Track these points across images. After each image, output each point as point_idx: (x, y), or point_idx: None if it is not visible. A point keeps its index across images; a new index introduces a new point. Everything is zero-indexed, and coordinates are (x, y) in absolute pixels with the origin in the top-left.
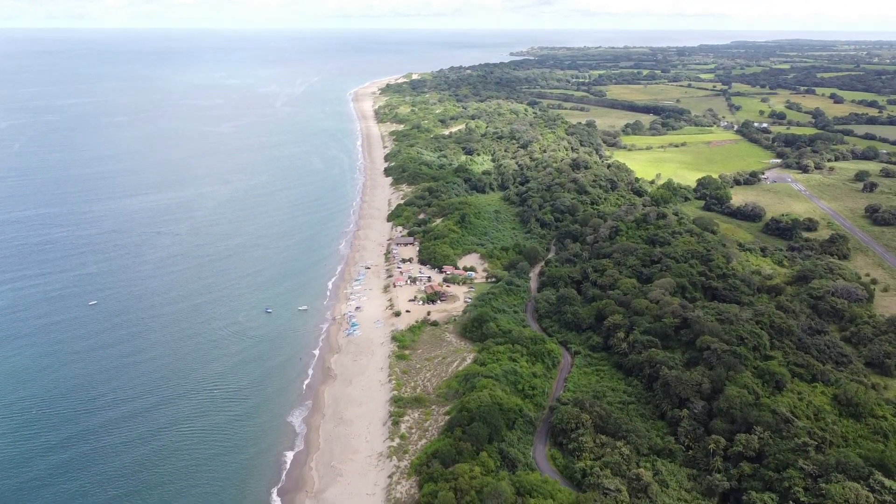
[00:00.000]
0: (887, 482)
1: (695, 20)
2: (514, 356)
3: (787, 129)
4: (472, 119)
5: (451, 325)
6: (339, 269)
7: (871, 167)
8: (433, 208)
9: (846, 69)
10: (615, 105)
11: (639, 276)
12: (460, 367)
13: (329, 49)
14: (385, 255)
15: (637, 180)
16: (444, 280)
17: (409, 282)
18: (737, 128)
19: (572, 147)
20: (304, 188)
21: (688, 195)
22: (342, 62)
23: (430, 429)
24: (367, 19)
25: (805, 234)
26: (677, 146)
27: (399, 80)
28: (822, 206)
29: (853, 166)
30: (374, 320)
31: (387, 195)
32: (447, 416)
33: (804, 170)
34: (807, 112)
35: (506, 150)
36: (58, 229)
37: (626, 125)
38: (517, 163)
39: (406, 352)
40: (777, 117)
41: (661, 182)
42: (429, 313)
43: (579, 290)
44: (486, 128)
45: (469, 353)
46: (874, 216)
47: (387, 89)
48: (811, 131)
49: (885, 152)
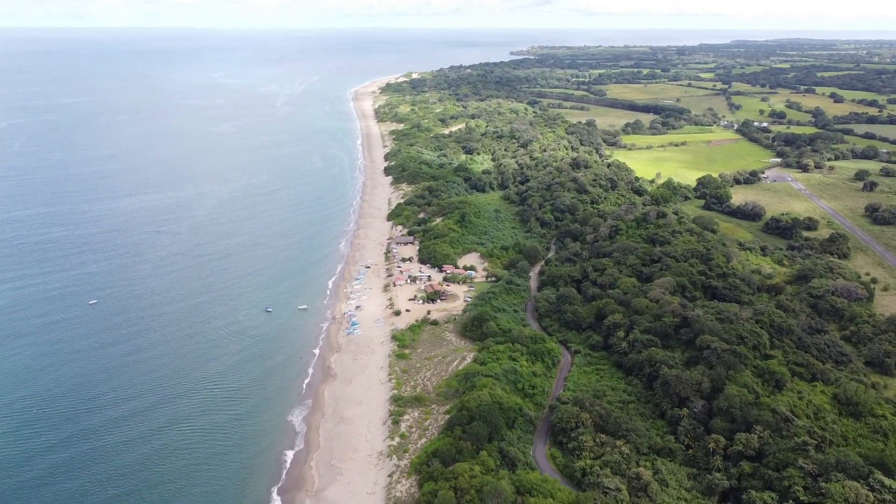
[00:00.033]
0: (887, 481)
1: (695, 19)
2: (514, 355)
3: (787, 128)
4: (472, 118)
5: (451, 325)
6: (339, 268)
7: (871, 166)
8: (433, 207)
9: (846, 68)
10: (615, 104)
11: (639, 275)
12: (460, 367)
13: (329, 48)
14: (385, 254)
15: (637, 179)
16: (444, 279)
17: (409, 281)
18: (737, 127)
19: (572, 146)
20: (304, 187)
21: (688, 194)
22: (342, 61)
23: (430, 428)
24: (366, 18)
25: (805, 234)
26: (677, 145)
27: (399, 80)
28: (822, 205)
29: (853, 165)
30: (374, 319)
31: (387, 194)
32: (447, 415)
33: (804, 169)
34: (807, 111)
35: (506, 150)
36: (58, 228)
37: (626, 124)
38: (517, 162)
39: (406, 351)
40: (777, 116)
41: (661, 181)
42: (429, 312)
43: (579, 290)
44: (486, 127)
45: (469, 353)
46: (874, 215)
47: (387, 88)
48: (811, 130)
49: (885, 151)
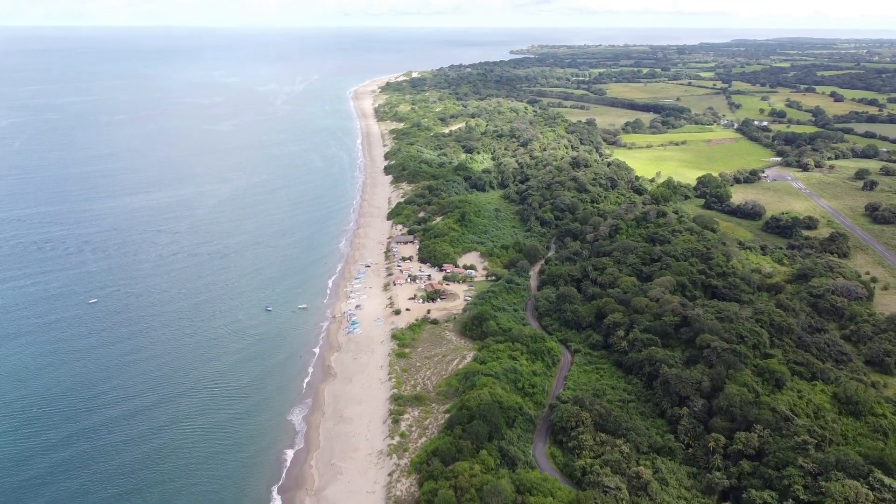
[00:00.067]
0: (887, 480)
1: (695, 18)
2: (514, 354)
3: (788, 127)
4: (472, 117)
5: (451, 324)
6: (339, 267)
7: (871, 165)
8: (433, 206)
9: (846, 67)
10: (615, 103)
11: (639, 274)
12: (460, 366)
13: (329, 47)
14: (385, 253)
15: (637, 178)
16: (444, 278)
17: (409, 280)
18: (737, 126)
19: (572, 145)
20: (304, 186)
21: (688, 193)
22: (342, 60)
23: (430, 427)
24: (367, 17)
25: (805, 233)
26: (677, 144)
27: (399, 79)
28: (822, 204)
29: (853, 164)
30: (374, 318)
31: (387, 193)
32: (447, 415)
33: (804, 168)
34: (807, 110)
35: (506, 149)
36: (58, 227)
37: (626, 123)
38: (517, 161)
39: (406, 350)
40: (777, 116)
41: (661, 180)
42: (429, 311)
43: (579, 289)
44: (486, 126)
45: (469, 352)
46: (874, 214)
47: (387, 87)
48: (811, 129)
49: (885, 150)
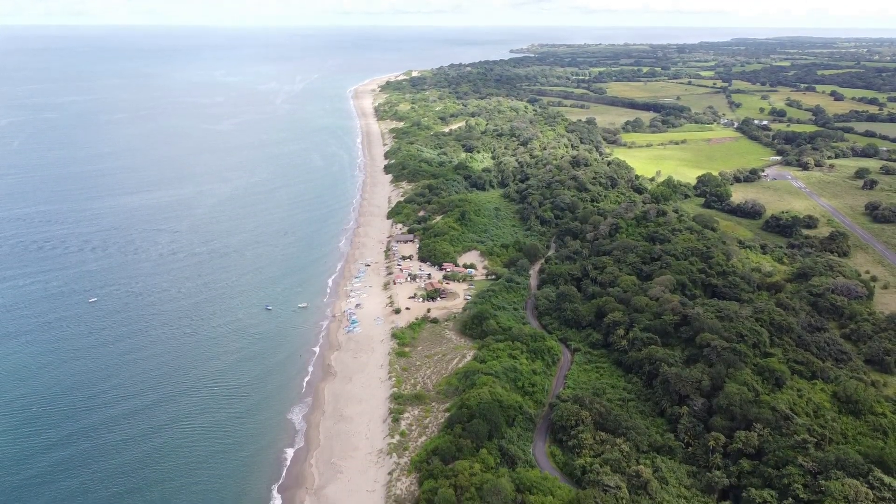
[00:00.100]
0: (886, 479)
1: (695, 17)
2: (514, 353)
3: (788, 126)
4: (472, 116)
5: (451, 323)
6: (339, 266)
7: (871, 164)
8: (433, 205)
9: (846, 66)
10: (615, 102)
11: (639, 273)
12: (460, 365)
13: (329, 46)
14: (385, 252)
15: (637, 177)
16: (444, 277)
17: (409, 279)
18: (737, 125)
19: (572, 144)
20: (304, 185)
21: (688, 192)
22: (342, 59)
23: (430, 426)
24: (366, 16)
25: (805, 232)
26: (677, 143)
27: (399, 78)
28: (822, 203)
29: (853, 164)
30: (374, 317)
31: (387, 192)
32: (447, 413)
33: (804, 167)
34: (807, 109)
35: (506, 148)
36: (58, 226)
37: (627, 122)
38: (517, 160)
39: (406, 349)
40: (777, 115)
41: (661, 179)
42: (429, 310)
43: (579, 288)
44: (486, 125)
45: (469, 351)
46: (874, 213)
47: (387, 86)
48: (811, 129)
49: (885, 150)
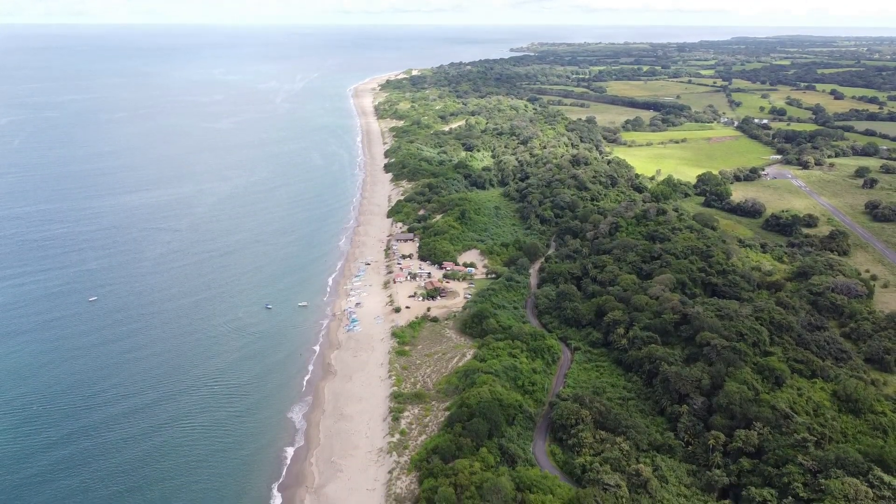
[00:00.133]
0: (886, 478)
1: (695, 16)
2: (513, 352)
3: (788, 125)
4: (472, 115)
5: (450, 321)
6: (339, 265)
7: (872, 163)
8: (433, 204)
9: (846, 65)
10: (615, 101)
11: (639, 272)
12: (460, 363)
13: (329, 45)
14: (385, 251)
15: (637, 176)
16: (444, 276)
17: (409, 278)
18: (737, 124)
19: (572, 143)
20: (304, 184)
21: (688, 191)
22: (342, 58)
23: (430, 424)
24: (366, 15)
25: (805, 231)
26: (677, 142)
27: (399, 77)
28: (823, 202)
29: (853, 162)
30: (374, 316)
31: (387, 191)
32: (447, 412)
33: (804, 166)
34: (807, 108)
35: (506, 147)
36: (58, 225)
37: (626, 121)
38: (517, 159)
39: (406, 348)
40: (777, 113)
41: (661, 178)
42: (429, 309)
43: (579, 287)
44: (486, 124)
45: (469, 349)
46: (874, 212)
47: (387, 85)
48: (811, 127)
49: (885, 148)
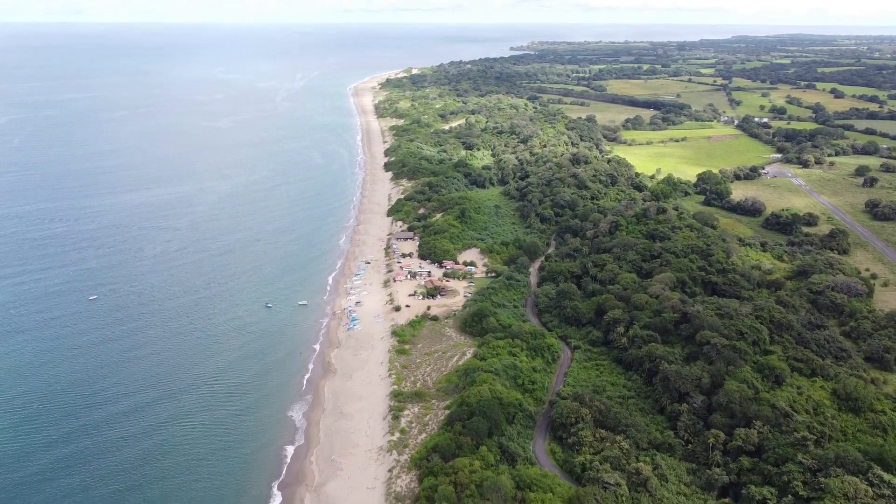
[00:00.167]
0: (886, 476)
1: (695, 15)
2: (513, 351)
3: (788, 123)
4: (472, 114)
5: (450, 320)
6: (339, 264)
7: (872, 162)
8: (433, 203)
9: (847, 64)
10: (615, 100)
11: (639, 270)
12: (460, 362)
13: (329, 44)
14: (385, 249)
15: (637, 175)
16: (444, 275)
17: (409, 277)
18: (737, 123)
19: (572, 142)
20: (304, 183)
21: (688, 190)
22: (342, 57)
23: (430, 423)
24: (366, 14)
25: (805, 229)
26: (677, 141)
27: (399, 75)
28: (823, 201)
29: (853, 161)
30: (374, 315)
31: (387, 190)
32: (447, 411)
33: (804, 165)
34: (807, 107)
35: (506, 145)
36: (58, 224)
37: (627, 120)
38: (517, 158)
39: (406, 346)
40: (777, 112)
41: (661, 177)
42: (429, 308)
43: (579, 285)
44: (486, 123)
45: (469, 348)
46: (874, 211)
47: (387, 84)
48: (811, 126)
49: (885, 147)
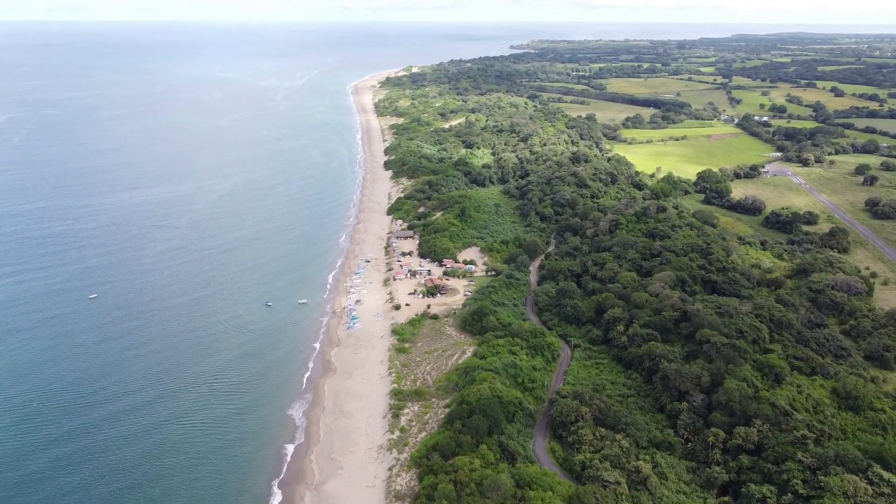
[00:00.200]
0: (886, 475)
1: (695, 13)
2: (513, 349)
3: (788, 122)
4: (472, 112)
5: (450, 319)
6: (339, 262)
7: (872, 161)
8: (433, 202)
9: (847, 62)
10: (615, 98)
11: (638, 269)
12: (460, 361)
13: (329, 42)
14: (385, 248)
15: (637, 174)
16: (444, 273)
17: (408, 275)
18: (737, 121)
19: (572, 140)
20: (304, 182)
21: (688, 189)
22: (342, 55)
23: (430, 422)
24: (366, 12)
25: (805, 228)
26: (677, 140)
27: (399, 74)
28: (823, 199)
29: (853, 160)
30: (374, 314)
31: (387, 188)
32: (447, 409)
33: (804, 163)
34: (807, 105)
35: (506, 144)
36: (58, 223)
37: (627, 118)
38: (517, 156)
39: (406, 345)
40: (777, 111)
41: (661, 175)
42: (429, 306)
43: (579, 284)
44: (486, 121)
45: (469, 347)
46: (874, 210)
47: (387, 83)
48: (812, 125)
49: (885, 146)
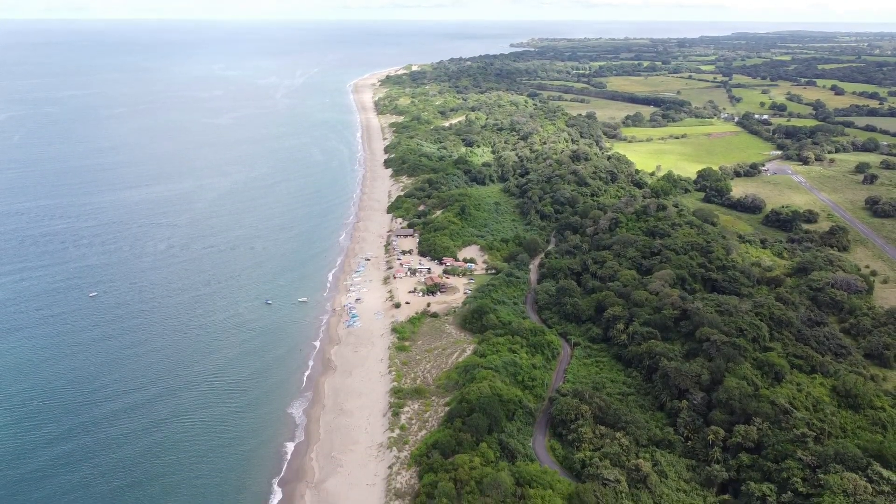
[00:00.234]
0: (885, 472)
1: (695, 11)
2: (513, 347)
3: (788, 120)
4: (472, 111)
5: (450, 317)
6: (339, 260)
7: (872, 159)
8: (433, 200)
9: (847, 61)
10: (615, 97)
11: (639, 267)
12: (460, 359)
13: (329, 40)
14: (385, 246)
15: (637, 172)
16: (444, 272)
17: (408, 273)
18: (737, 119)
19: (572, 139)
20: (304, 180)
21: (688, 187)
22: (342, 53)
23: (430, 420)
24: (366, 10)
25: (805, 226)
26: (677, 138)
27: (399, 72)
28: (823, 197)
29: (854, 158)
30: (374, 312)
31: (387, 187)
32: (447, 408)
33: (804, 161)
34: (807, 104)
35: (506, 142)
36: (58, 221)
37: (627, 117)
38: (517, 154)
39: (406, 343)
40: (778, 109)
41: (661, 174)
42: (429, 305)
43: (579, 282)
44: (486, 119)
45: (469, 345)
46: (874, 208)
47: (387, 81)
48: (812, 123)
49: (885, 144)
